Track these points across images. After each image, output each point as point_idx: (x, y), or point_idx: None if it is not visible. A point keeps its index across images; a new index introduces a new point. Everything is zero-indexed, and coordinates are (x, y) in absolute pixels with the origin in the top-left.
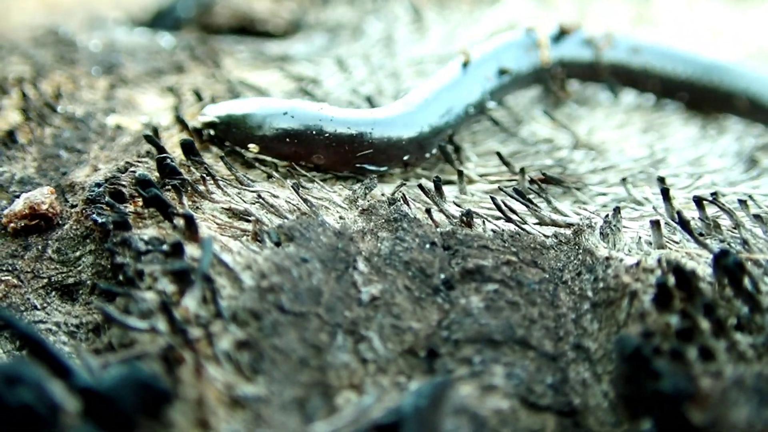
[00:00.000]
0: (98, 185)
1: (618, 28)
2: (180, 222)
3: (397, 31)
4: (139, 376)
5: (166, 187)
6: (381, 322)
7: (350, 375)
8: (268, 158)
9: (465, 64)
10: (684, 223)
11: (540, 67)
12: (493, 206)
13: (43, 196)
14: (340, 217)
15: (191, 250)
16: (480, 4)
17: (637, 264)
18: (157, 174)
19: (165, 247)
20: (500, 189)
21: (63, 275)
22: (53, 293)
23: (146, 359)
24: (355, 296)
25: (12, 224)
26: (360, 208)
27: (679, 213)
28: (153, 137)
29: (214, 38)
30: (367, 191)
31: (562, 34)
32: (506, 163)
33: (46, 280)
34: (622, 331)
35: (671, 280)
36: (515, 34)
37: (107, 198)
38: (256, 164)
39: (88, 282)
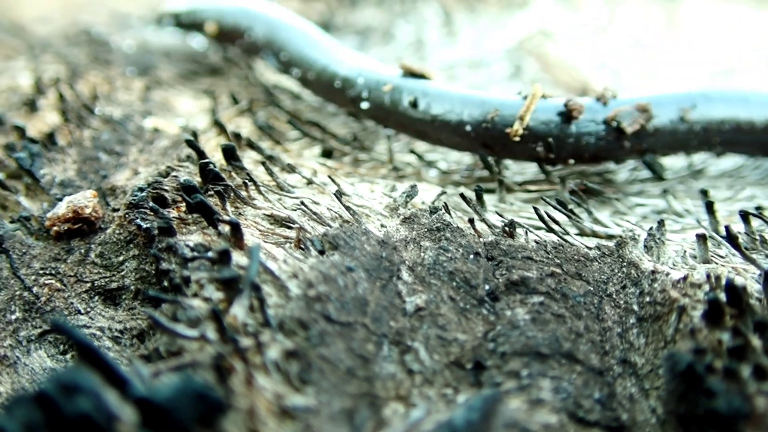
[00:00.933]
0: (141, 190)
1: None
2: (225, 228)
3: (427, 34)
4: (195, 386)
5: (209, 193)
6: (427, 333)
7: (397, 386)
8: (306, 164)
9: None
10: (732, 238)
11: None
12: (533, 216)
13: (86, 199)
14: (382, 225)
15: (237, 257)
16: (509, 7)
17: (684, 278)
18: (198, 179)
19: (211, 253)
20: (543, 199)
21: (106, 280)
22: (96, 298)
23: (197, 368)
24: (400, 306)
25: (55, 227)
26: (401, 217)
27: (727, 228)
28: (194, 142)
29: None
30: (408, 199)
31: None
32: (546, 173)
33: (89, 285)
34: (670, 347)
35: (722, 296)
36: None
37: (150, 203)
38: (296, 170)
39: (132, 287)
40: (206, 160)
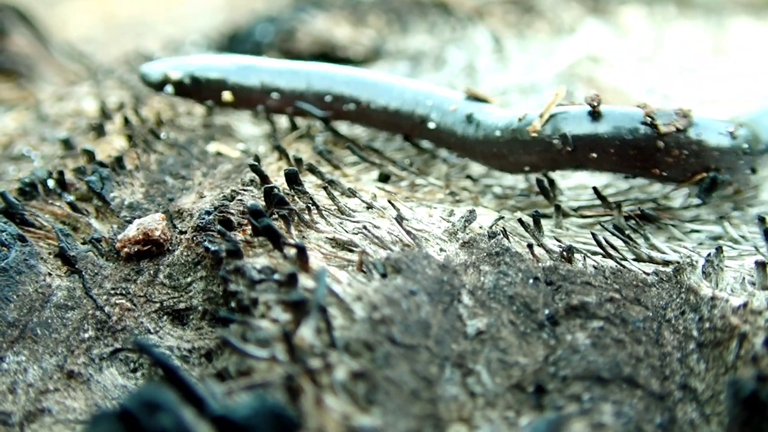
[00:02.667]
0: (208, 213)
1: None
2: (291, 251)
3: (479, 60)
4: (272, 406)
5: (273, 216)
6: (488, 356)
7: (460, 408)
8: (364, 189)
9: None
10: None
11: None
12: (590, 241)
13: (155, 222)
14: (441, 249)
15: (302, 279)
16: (558, 32)
17: (745, 305)
18: (262, 202)
19: (277, 276)
20: (601, 225)
21: (174, 300)
22: (165, 317)
23: (268, 388)
24: (462, 329)
25: (125, 249)
26: (461, 241)
27: None
28: (258, 166)
29: None
30: (466, 224)
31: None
32: (602, 198)
33: (158, 305)
34: (731, 373)
35: None
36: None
37: (217, 226)
38: (356, 194)
39: (200, 308)
40: (271, 185)
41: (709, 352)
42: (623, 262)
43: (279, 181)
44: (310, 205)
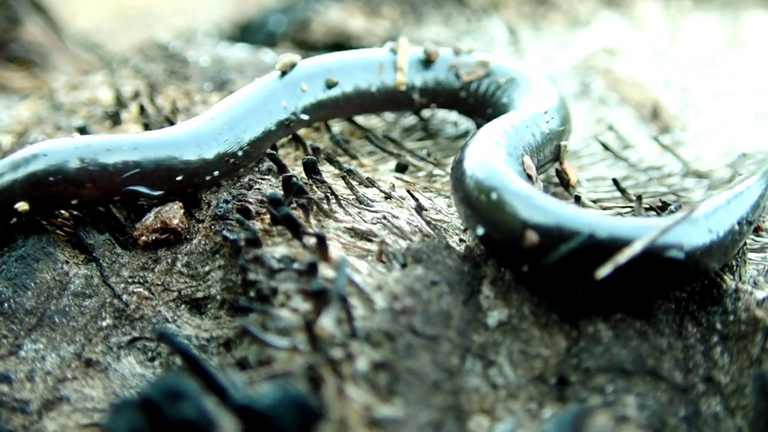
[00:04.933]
0: (226, 202)
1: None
2: (310, 241)
3: (495, 51)
4: (295, 395)
5: (292, 205)
6: (510, 348)
7: (481, 400)
8: (382, 179)
9: (283, 74)
10: None
11: (393, 89)
12: None
13: (173, 211)
14: (461, 240)
15: (322, 269)
16: (573, 25)
17: None
18: (280, 191)
19: (296, 265)
20: (620, 216)
21: (192, 289)
22: (183, 306)
23: (290, 378)
24: (483, 321)
25: (143, 237)
26: None
27: None
28: (275, 155)
29: (314, 55)
30: None
31: (428, 61)
32: (622, 190)
33: (176, 294)
34: (756, 366)
35: None
36: (373, 51)
37: (236, 214)
38: (375, 184)
39: (218, 297)
40: (290, 174)
41: (733, 344)
42: None
43: (296, 170)
44: (328, 194)
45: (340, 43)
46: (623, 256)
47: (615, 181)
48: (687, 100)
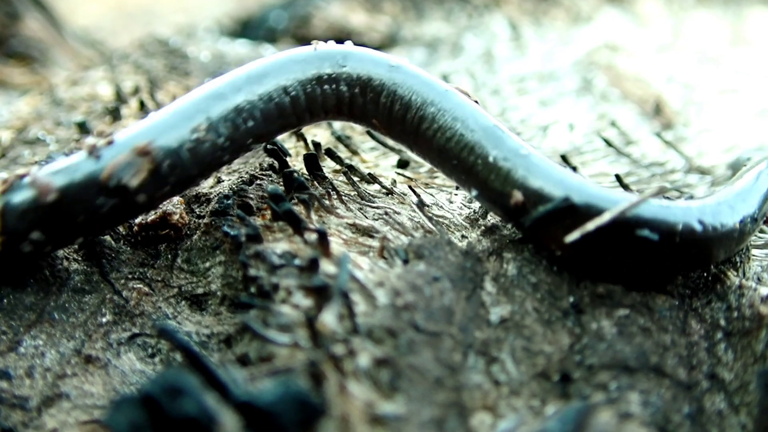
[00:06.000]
0: (227, 197)
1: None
2: (311, 237)
3: (496, 47)
4: (297, 392)
5: (293, 201)
6: (512, 344)
7: (484, 396)
8: (383, 174)
9: None
10: None
11: None
12: None
13: (174, 206)
14: (463, 236)
15: (324, 265)
16: (575, 21)
17: None
18: (281, 187)
19: (298, 261)
20: None
21: (193, 285)
22: (183, 302)
23: (291, 374)
24: (485, 317)
25: (143, 233)
26: (482, 228)
27: None
28: (276, 151)
29: None
30: (488, 210)
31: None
32: (624, 186)
33: (176, 290)
34: (760, 363)
35: None
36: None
37: (237, 210)
38: (377, 180)
39: (218, 293)
40: (291, 169)
41: (737, 341)
42: None
43: (296, 166)
44: (329, 190)
45: (340, 39)
46: (592, 225)
47: (618, 177)
48: (689, 97)
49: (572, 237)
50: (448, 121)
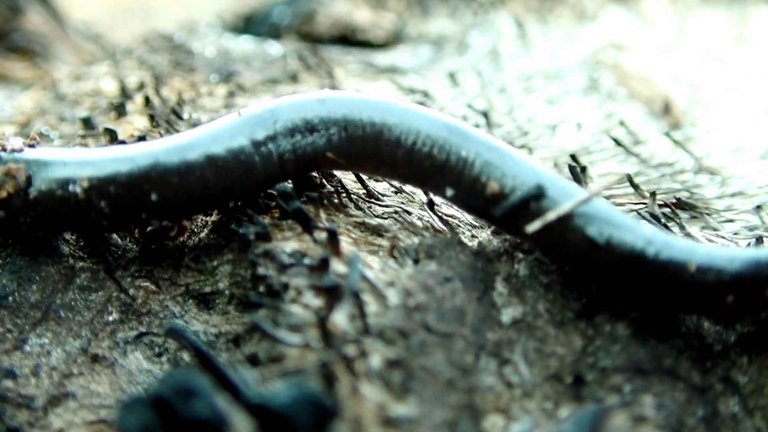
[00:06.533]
0: None
1: None
2: (321, 235)
3: (503, 45)
4: (311, 394)
5: (302, 199)
6: (525, 346)
7: (496, 398)
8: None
9: None
10: None
11: None
12: None
13: None
14: (473, 236)
15: (334, 264)
16: (580, 19)
17: None
18: (290, 185)
19: (307, 260)
20: (637, 213)
21: (200, 283)
22: (190, 301)
23: (302, 375)
24: (497, 318)
25: (150, 230)
26: (493, 228)
27: None
28: None
29: (321, 48)
30: None
31: None
32: (635, 186)
33: (183, 288)
34: None
35: None
36: None
37: (245, 208)
38: (385, 179)
39: (226, 291)
40: None
41: (751, 344)
42: None
43: None
44: (338, 188)
45: (345, 35)
46: (552, 215)
47: (629, 177)
48: (695, 96)
49: (533, 227)
50: (410, 127)
